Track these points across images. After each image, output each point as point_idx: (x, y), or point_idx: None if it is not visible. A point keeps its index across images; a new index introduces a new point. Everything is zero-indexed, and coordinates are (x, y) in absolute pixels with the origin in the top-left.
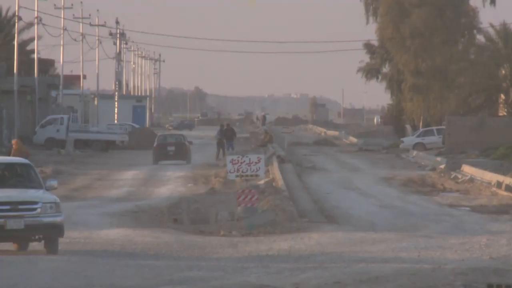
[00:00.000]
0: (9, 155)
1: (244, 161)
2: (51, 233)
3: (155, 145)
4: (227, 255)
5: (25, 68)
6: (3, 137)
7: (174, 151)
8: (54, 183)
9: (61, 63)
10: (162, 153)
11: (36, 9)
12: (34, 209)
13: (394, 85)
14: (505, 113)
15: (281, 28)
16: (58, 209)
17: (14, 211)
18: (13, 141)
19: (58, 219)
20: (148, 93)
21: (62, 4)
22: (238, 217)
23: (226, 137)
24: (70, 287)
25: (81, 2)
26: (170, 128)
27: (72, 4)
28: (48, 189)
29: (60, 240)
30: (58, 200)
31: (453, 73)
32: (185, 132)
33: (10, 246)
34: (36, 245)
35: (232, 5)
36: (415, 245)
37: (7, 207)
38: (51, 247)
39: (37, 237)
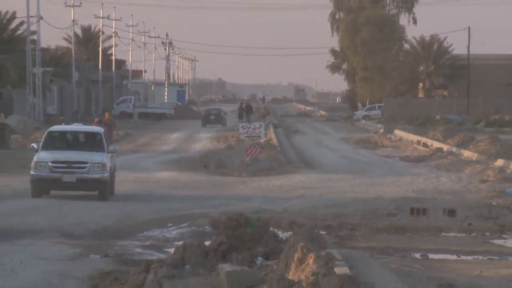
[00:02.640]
0: (100, 123)
1: (251, 127)
2: (96, 186)
3: (202, 114)
4: (239, 190)
5: (106, 65)
6: (92, 111)
7: (214, 118)
8: (114, 148)
9: (130, 62)
10: (207, 119)
11: (113, 26)
12: (84, 167)
13: (350, 77)
14: (422, 96)
15: (277, 36)
16: (104, 169)
17: (69, 168)
18: (106, 113)
19: (103, 176)
20: (186, 82)
21: (131, 23)
22: (246, 164)
23: (246, 111)
24: (134, 210)
25: (144, 22)
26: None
27: (137, 23)
28: (110, 152)
29: (128, 178)
30: (105, 161)
31: (388, 69)
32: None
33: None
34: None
35: (244, 22)
36: (363, 182)
37: (64, 165)
38: (101, 196)
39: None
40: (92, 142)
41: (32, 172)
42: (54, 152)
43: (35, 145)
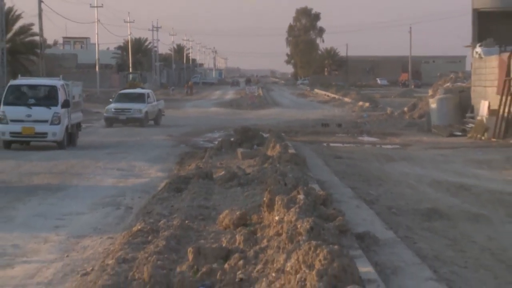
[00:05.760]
0: (187, 86)
1: (251, 87)
2: (137, 121)
3: (230, 82)
4: (246, 116)
5: (187, 61)
6: (181, 82)
7: (235, 83)
8: (161, 101)
9: (198, 59)
10: (232, 83)
11: (191, 45)
12: (130, 112)
13: (295, 66)
14: (327, 74)
15: (262, 46)
16: (141, 112)
17: (121, 112)
18: (190, 82)
19: (139, 116)
20: (222, 68)
21: (199, 42)
22: (249, 104)
23: (248, 81)
24: (200, 125)
25: (204, 41)
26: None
27: (201, 42)
28: (149, 102)
29: (197, 111)
30: (142, 108)
31: (311, 63)
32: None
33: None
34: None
35: (248, 42)
36: (301, 112)
37: (120, 110)
38: (141, 126)
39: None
40: (139, 98)
41: (104, 114)
42: (117, 103)
43: (111, 99)
